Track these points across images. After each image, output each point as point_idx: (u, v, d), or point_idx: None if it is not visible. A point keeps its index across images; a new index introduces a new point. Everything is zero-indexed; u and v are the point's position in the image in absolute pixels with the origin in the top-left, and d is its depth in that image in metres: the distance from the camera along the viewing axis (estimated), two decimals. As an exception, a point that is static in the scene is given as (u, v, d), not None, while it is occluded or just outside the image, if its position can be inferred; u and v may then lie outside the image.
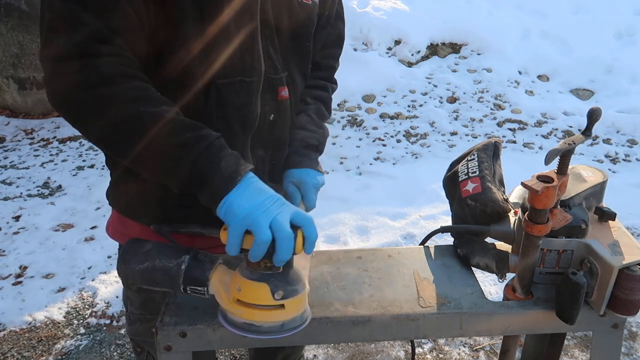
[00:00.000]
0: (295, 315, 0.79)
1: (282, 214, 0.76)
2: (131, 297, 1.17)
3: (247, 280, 0.77)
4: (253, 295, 0.77)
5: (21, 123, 4.45)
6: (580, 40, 4.98)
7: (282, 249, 0.74)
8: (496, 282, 2.43)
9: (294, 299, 0.78)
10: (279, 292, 0.76)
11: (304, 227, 0.77)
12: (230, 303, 0.79)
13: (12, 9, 4.21)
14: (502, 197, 0.97)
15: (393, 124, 4.22)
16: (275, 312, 0.77)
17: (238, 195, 0.78)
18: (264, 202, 0.77)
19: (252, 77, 0.97)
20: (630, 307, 0.83)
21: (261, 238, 0.73)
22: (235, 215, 0.76)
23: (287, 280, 0.78)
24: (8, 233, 2.97)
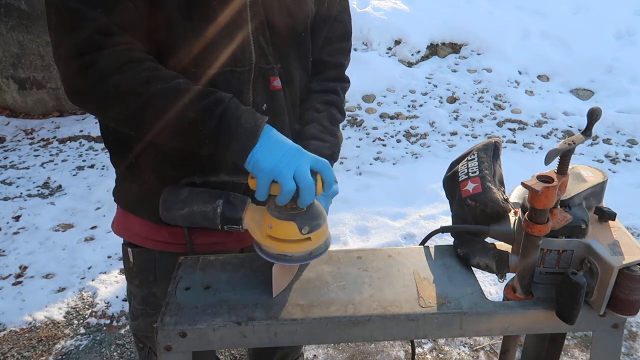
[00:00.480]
0: (320, 243, 0.91)
1: (303, 163, 0.84)
2: (134, 292, 1.19)
3: (276, 219, 0.87)
4: (283, 232, 0.87)
5: (21, 123, 4.45)
6: (580, 40, 4.98)
7: (305, 195, 0.83)
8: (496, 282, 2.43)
9: (318, 231, 0.89)
10: (305, 228, 0.87)
11: (322, 172, 0.87)
12: (264, 238, 0.90)
13: (12, 9, 4.21)
14: (502, 197, 0.97)
15: (393, 124, 4.22)
16: (303, 243, 0.88)
17: (262, 150, 0.84)
18: (286, 154, 0.84)
19: (242, 67, 0.98)
20: (630, 307, 0.83)
21: (287, 188, 0.82)
22: (262, 169, 0.83)
23: (311, 217, 0.88)
24: (8, 233, 2.97)
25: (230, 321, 0.84)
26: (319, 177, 0.86)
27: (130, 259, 1.15)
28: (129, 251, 1.14)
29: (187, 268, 0.98)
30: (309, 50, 1.11)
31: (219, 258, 1.01)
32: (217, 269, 0.98)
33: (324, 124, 1.13)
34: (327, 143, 1.12)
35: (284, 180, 0.82)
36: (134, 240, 1.13)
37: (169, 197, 0.95)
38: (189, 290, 0.92)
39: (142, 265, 1.14)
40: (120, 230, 1.16)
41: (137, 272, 1.16)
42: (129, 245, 1.15)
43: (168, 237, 1.10)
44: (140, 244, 1.13)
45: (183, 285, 0.93)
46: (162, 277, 1.11)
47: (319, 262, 1.00)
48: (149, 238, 1.11)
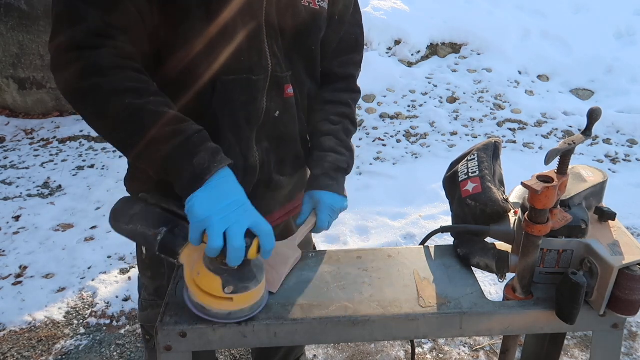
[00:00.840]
0: (244, 307, 0.85)
1: (239, 223, 0.80)
2: (146, 283, 1.22)
3: (205, 268, 0.83)
4: (207, 284, 0.83)
5: (21, 123, 4.45)
6: (580, 40, 4.98)
7: (231, 257, 0.79)
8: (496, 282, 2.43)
9: (243, 294, 0.83)
10: (230, 287, 0.82)
11: (260, 237, 0.82)
12: (190, 281, 0.85)
13: (12, 9, 4.21)
14: (502, 197, 0.97)
15: (393, 124, 4.22)
16: (224, 302, 0.83)
17: (202, 196, 0.81)
18: (225, 208, 0.80)
19: (259, 75, 0.99)
20: (630, 307, 0.83)
21: (212, 245, 0.78)
22: (195, 216, 0.80)
23: (240, 277, 0.83)
24: (8, 233, 2.97)
25: (230, 321, 0.84)
26: (255, 241, 0.82)
27: (142, 251, 1.17)
28: None
29: (187, 268, 0.98)
30: (318, 62, 1.13)
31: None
32: (217, 269, 0.98)
33: (340, 138, 1.14)
34: (344, 157, 1.14)
35: (211, 235, 0.78)
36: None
37: (121, 208, 0.93)
38: (189, 290, 0.92)
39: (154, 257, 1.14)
40: None
41: (149, 264, 1.18)
42: None
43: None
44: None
45: (183, 285, 0.93)
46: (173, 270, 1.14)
47: (319, 262, 1.00)
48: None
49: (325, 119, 1.15)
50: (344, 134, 1.16)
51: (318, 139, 1.15)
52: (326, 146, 1.13)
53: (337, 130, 1.15)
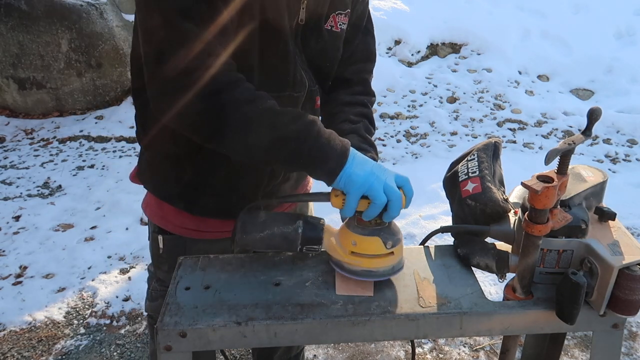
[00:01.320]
0: (399, 257, 0.94)
1: (389, 178, 0.89)
2: (161, 276, 1.24)
3: (360, 235, 0.90)
4: (369, 247, 0.90)
5: (21, 123, 4.45)
6: (580, 40, 4.98)
7: (394, 208, 0.88)
8: (496, 282, 2.43)
9: (399, 245, 0.92)
10: (389, 242, 0.90)
11: (404, 187, 0.91)
12: (347, 255, 0.91)
13: (12, 9, 4.21)
14: (502, 197, 0.97)
15: (393, 124, 4.22)
16: (388, 258, 0.91)
17: (352, 167, 0.88)
18: (373, 170, 0.89)
19: (300, 91, 1.06)
20: (630, 307, 0.83)
21: (379, 201, 0.86)
22: (354, 183, 0.87)
23: (392, 232, 0.92)
24: (8, 233, 2.97)
25: (230, 321, 0.84)
26: (401, 191, 0.90)
27: (160, 246, 1.19)
28: (160, 238, 1.18)
29: (187, 268, 0.98)
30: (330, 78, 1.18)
31: (219, 258, 1.01)
32: (217, 269, 0.98)
33: (363, 135, 1.17)
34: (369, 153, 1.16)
35: (376, 194, 0.86)
36: (167, 227, 1.17)
37: (247, 220, 0.96)
38: (189, 290, 0.92)
39: (172, 250, 1.18)
40: (154, 217, 1.20)
41: (166, 258, 1.20)
42: (159, 232, 1.18)
43: (199, 225, 1.16)
44: (172, 230, 1.17)
45: (183, 285, 0.93)
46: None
47: (319, 262, 1.00)
48: (182, 226, 1.16)
49: (346, 120, 1.18)
50: (366, 132, 1.19)
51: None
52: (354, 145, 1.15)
53: (359, 127, 1.18)
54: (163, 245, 1.19)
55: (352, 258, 0.91)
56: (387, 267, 0.91)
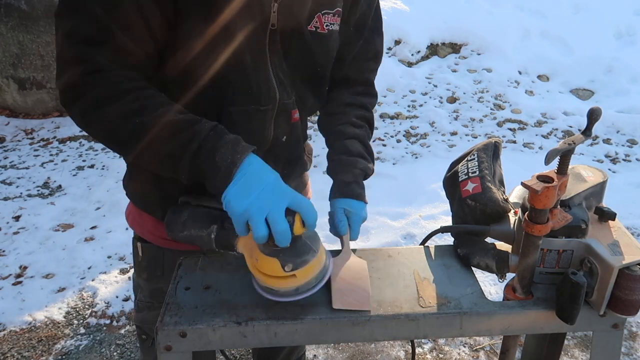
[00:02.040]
0: (308, 279, 0.87)
1: (276, 206, 0.80)
2: (142, 285, 1.21)
3: (261, 253, 0.85)
4: (267, 267, 0.85)
5: (21, 123, 4.45)
6: (580, 40, 4.98)
7: (279, 239, 0.80)
8: (496, 282, 2.43)
9: (304, 268, 0.85)
10: (289, 265, 0.84)
11: (301, 212, 0.83)
12: (253, 269, 0.88)
13: (12, 9, 4.21)
14: (502, 197, 0.97)
15: (393, 124, 4.22)
16: (288, 280, 0.85)
17: (235, 191, 0.81)
18: (260, 196, 0.81)
19: (267, 105, 0.99)
20: (630, 307, 0.83)
21: (257, 234, 0.80)
22: (234, 212, 0.81)
23: (295, 253, 0.85)
24: (8, 233, 2.97)
25: (230, 321, 0.84)
26: (297, 217, 0.82)
27: (139, 253, 1.17)
28: (139, 246, 1.16)
29: (187, 268, 0.98)
30: (325, 82, 1.12)
31: (219, 258, 1.01)
32: (217, 269, 0.98)
33: (365, 143, 1.14)
34: (371, 164, 1.14)
35: (255, 225, 0.79)
36: (146, 237, 1.15)
37: (171, 218, 0.96)
38: (189, 290, 0.92)
39: (151, 259, 1.15)
40: (134, 224, 1.17)
41: (145, 266, 1.17)
42: (139, 240, 1.16)
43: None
44: (151, 240, 1.14)
45: (183, 285, 0.93)
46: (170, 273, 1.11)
47: (319, 262, 1.00)
48: (160, 236, 1.12)
49: (348, 122, 1.15)
50: (369, 139, 1.16)
51: (343, 142, 1.13)
52: (354, 151, 1.12)
53: (362, 135, 1.14)
54: (142, 253, 1.16)
55: (256, 273, 0.87)
56: (289, 288, 0.86)
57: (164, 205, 1.04)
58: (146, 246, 1.15)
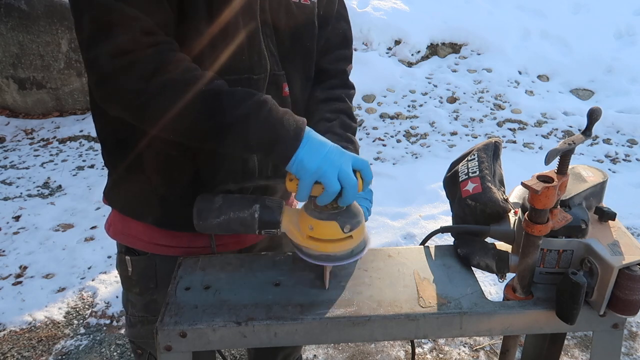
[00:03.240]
0: (360, 241, 0.92)
1: (345, 163, 0.85)
2: (133, 300, 1.16)
3: (317, 220, 0.88)
4: (325, 232, 0.88)
5: (21, 123, 4.45)
6: (580, 40, 4.98)
7: (349, 194, 0.84)
8: (496, 282, 2.43)
9: (359, 228, 0.90)
10: (347, 226, 0.87)
11: (362, 171, 0.87)
12: (305, 239, 0.90)
13: (12, 9, 4.21)
14: (502, 197, 0.97)
15: (393, 124, 4.22)
16: (345, 242, 0.89)
17: (306, 151, 0.84)
18: (329, 154, 0.84)
19: (259, 74, 0.98)
20: (630, 307, 0.83)
21: (332, 189, 0.83)
22: (307, 170, 0.83)
23: (351, 215, 0.89)
24: (8, 233, 2.97)
25: (230, 321, 0.84)
26: (359, 175, 0.87)
27: (128, 268, 1.12)
28: (127, 260, 1.11)
29: (187, 268, 0.98)
30: (313, 60, 1.12)
31: (219, 258, 1.01)
32: (217, 269, 0.98)
33: (337, 132, 1.12)
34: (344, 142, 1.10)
35: (328, 181, 0.82)
36: (135, 246, 1.11)
37: (203, 205, 0.94)
38: (189, 290, 0.92)
39: (142, 272, 1.12)
40: (119, 236, 1.13)
41: (136, 280, 1.13)
42: (127, 253, 1.12)
43: (171, 241, 1.08)
44: (141, 248, 1.10)
45: (183, 285, 0.93)
46: (163, 284, 1.09)
47: (319, 262, 1.00)
48: (151, 242, 1.09)
49: (321, 119, 1.13)
50: (341, 128, 1.13)
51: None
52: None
53: (333, 126, 1.13)
54: (132, 267, 1.11)
55: (309, 242, 0.89)
56: (345, 251, 0.89)
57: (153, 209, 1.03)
58: (136, 259, 1.11)
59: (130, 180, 1.05)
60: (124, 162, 1.04)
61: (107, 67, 0.81)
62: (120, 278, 1.17)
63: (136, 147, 1.00)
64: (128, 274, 1.13)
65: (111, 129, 1.03)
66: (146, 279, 1.12)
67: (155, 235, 1.08)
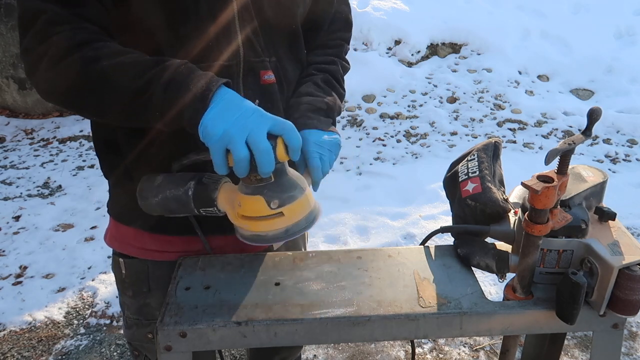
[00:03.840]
0: (298, 219, 0.82)
1: (258, 126, 0.75)
2: (127, 302, 1.15)
3: (244, 195, 0.80)
4: (251, 208, 0.79)
5: (21, 123, 4.45)
6: (580, 40, 4.98)
7: (261, 162, 0.75)
8: (496, 282, 2.43)
9: (292, 204, 0.80)
10: (275, 202, 0.78)
11: (284, 135, 0.78)
12: (237, 218, 0.82)
13: (12, 9, 4.21)
14: (502, 197, 0.97)
15: (393, 124, 4.22)
16: (276, 220, 0.80)
17: (213, 115, 0.76)
18: (240, 118, 0.76)
19: (230, 61, 0.94)
20: (630, 307, 0.83)
21: (238, 155, 0.74)
22: (211, 136, 0.75)
23: (281, 189, 0.79)
24: (8, 233, 2.97)
25: (230, 321, 0.84)
26: (280, 140, 0.77)
27: (122, 270, 1.11)
28: (121, 262, 1.10)
29: (187, 268, 0.98)
30: (301, 43, 1.09)
31: (219, 258, 1.01)
32: (217, 269, 0.98)
33: (318, 84, 1.08)
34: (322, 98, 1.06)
35: (234, 147, 0.74)
36: (127, 251, 1.10)
37: (145, 185, 0.90)
38: (189, 290, 0.92)
39: (135, 276, 1.11)
40: (113, 242, 1.13)
41: (129, 284, 1.12)
42: (121, 256, 1.11)
43: (163, 246, 1.07)
44: (134, 254, 1.09)
45: (183, 285, 0.93)
46: (157, 288, 1.08)
47: (319, 262, 1.00)
48: (143, 248, 1.08)
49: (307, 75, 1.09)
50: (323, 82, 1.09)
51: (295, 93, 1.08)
52: (302, 91, 1.06)
53: (315, 77, 1.08)
54: (125, 270, 1.10)
55: (240, 221, 0.81)
56: (278, 230, 0.80)
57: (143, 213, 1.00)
58: (129, 262, 1.09)
59: (122, 187, 1.05)
60: (115, 170, 1.03)
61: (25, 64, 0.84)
62: (115, 280, 1.17)
63: (125, 154, 0.99)
64: (122, 276, 1.12)
65: (102, 133, 1.03)
66: (139, 282, 1.11)
67: (146, 241, 1.07)
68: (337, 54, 1.18)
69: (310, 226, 0.83)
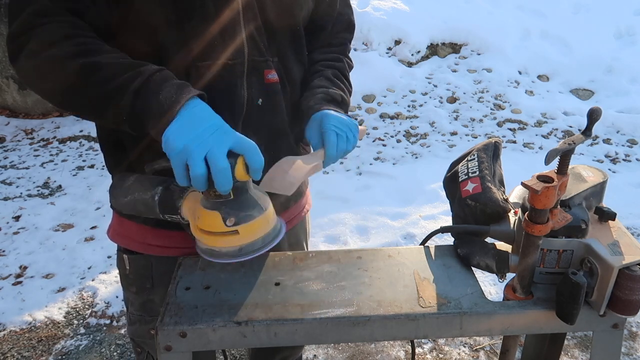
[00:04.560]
0: (254, 238, 0.82)
1: (219, 144, 0.76)
2: (131, 298, 1.17)
3: (203, 208, 0.80)
4: (208, 223, 0.80)
5: (21, 123, 4.46)
6: (580, 40, 4.98)
7: (218, 180, 0.75)
8: (496, 282, 2.43)
9: (249, 224, 0.80)
10: (231, 219, 0.78)
11: (245, 154, 0.78)
12: (195, 230, 0.83)
13: (12, 9, 4.21)
14: (502, 197, 0.97)
15: (393, 124, 4.22)
16: (231, 237, 0.80)
17: (175, 128, 0.76)
18: (202, 133, 0.76)
19: (235, 59, 0.95)
20: (630, 307, 0.83)
21: (195, 172, 0.74)
22: (172, 149, 0.76)
23: (239, 207, 0.79)
24: (8, 233, 2.97)
25: (230, 321, 0.84)
26: (240, 159, 0.77)
27: (126, 266, 1.12)
28: (125, 258, 1.11)
29: (187, 268, 0.98)
30: (303, 45, 1.09)
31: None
32: (217, 269, 0.98)
33: (329, 77, 1.09)
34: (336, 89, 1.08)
35: (192, 163, 0.74)
36: (130, 247, 1.11)
37: (116, 183, 0.90)
38: (189, 290, 0.92)
39: (139, 272, 1.11)
40: (116, 237, 1.14)
41: (133, 279, 1.13)
42: (125, 252, 1.12)
43: (165, 241, 1.07)
44: (137, 249, 1.10)
45: (183, 285, 0.93)
46: (160, 284, 1.09)
47: (319, 262, 1.00)
48: (145, 243, 1.09)
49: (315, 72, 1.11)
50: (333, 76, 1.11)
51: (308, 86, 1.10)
52: (315, 84, 1.08)
53: (325, 72, 1.10)
54: (129, 266, 1.12)
55: (198, 233, 0.82)
56: (232, 247, 0.80)
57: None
58: (132, 258, 1.11)
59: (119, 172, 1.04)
60: (120, 166, 1.04)
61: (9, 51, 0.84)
62: (120, 276, 1.18)
63: (129, 150, 0.99)
64: (126, 272, 1.13)
65: (107, 133, 1.03)
66: (143, 278, 1.12)
67: (148, 236, 1.08)
68: (341, 52, 1.19)
69: (267, 247, 0.83)
